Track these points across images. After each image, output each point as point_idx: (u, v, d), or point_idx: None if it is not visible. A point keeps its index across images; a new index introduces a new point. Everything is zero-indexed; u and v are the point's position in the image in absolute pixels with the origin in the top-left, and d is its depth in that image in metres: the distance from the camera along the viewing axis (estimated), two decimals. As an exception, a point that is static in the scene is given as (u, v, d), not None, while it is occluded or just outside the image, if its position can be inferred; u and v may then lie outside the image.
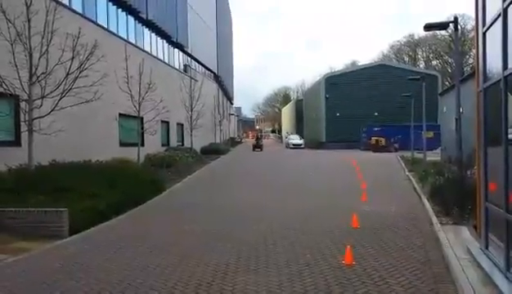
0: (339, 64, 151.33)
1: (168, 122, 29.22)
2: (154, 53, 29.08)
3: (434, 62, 73.30)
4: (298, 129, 71.43)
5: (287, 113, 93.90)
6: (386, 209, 12.11)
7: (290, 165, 28.87)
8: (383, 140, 44.02)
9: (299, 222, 10.49)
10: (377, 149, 42.35)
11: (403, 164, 25.58)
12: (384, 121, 47.30)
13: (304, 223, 10.40)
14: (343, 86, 52.26)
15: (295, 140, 57.87)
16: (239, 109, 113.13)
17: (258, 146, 47.63)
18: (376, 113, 50.48)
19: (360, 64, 71.24)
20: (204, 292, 5.85)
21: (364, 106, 50.77)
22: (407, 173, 21.05)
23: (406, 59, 76.59)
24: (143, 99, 19.26)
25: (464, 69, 52.26)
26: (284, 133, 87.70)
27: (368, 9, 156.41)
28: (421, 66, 70.29)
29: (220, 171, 24.85)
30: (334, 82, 53.09)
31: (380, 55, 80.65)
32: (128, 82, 18.38)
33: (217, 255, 7.67)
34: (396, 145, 41.61)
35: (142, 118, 20.43)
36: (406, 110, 30.53)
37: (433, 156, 26.06)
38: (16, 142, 13.18)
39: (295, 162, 30.81)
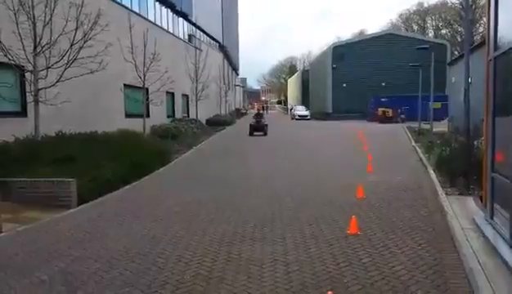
0: (346, 33, 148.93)
1: (173, 93, 29.10)
2: (158, 22, 28.65)
3: (444, 31, 71.88)
4: (304, 100, 70.97)
5: (293, 84, 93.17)
6: (392, 179, 12.13)
7: (295, 136, 28.82)
8: (390, 111, 43.68)
9: (305, 192, 10.56)
10: (384, 120, 42.06)
11: (410, 135, 25.48)
12: (392, 91, 46.71)
13: (310, 193, 10.46)
14: (350, 56, 51.55)
15: (301, 111, 57.59)
16: (244, 79, 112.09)
17: (258, 127, 29.10)
18: (383, 84, 49.89)
19: (368, 33, 70.10)
20: (210, 260, 5.95)
21: (371, 76, 50.20)
22: (413, 144, 20.98)
23: (415, 28, 75.11)
24: (148, 69, 19.14)
25: (474, 38, 51.13)
26: (289, 105, 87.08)
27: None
28: (430, 35, 68.93)
29: (225, 143, 24.88)
30: (342, 52, 52.33)
31: (389, 24, 79.17)
32: (132, 53, 18.23)
33: (223, 224, 7.76)
34: (403, 116, 41.28)
35: (147, 89, 20.35)
36: (414, 80, 30.11)
37: (441, 127, 25.92)
38: (22, 113, 13.24)
39: (300, 133, 30.76)
